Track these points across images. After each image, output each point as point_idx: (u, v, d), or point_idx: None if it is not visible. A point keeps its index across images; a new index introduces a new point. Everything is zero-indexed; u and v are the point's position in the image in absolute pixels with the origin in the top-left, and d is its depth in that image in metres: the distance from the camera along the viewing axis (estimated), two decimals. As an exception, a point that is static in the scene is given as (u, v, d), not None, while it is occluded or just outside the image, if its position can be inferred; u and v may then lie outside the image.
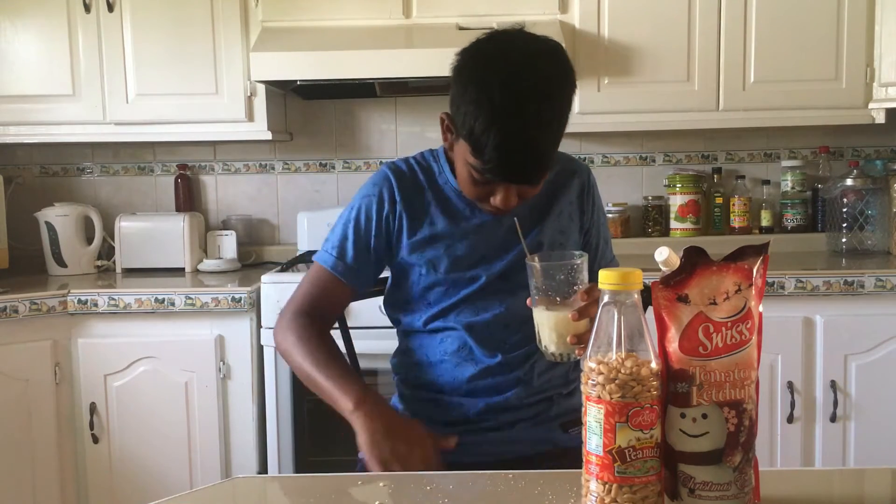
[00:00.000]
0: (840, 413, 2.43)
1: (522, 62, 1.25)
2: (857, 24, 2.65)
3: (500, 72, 1.23)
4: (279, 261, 2.96)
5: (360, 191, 1.48)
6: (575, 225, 1.49)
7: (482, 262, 1.43)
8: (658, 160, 3.11)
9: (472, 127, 1.23)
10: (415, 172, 1.47)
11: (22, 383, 2.43)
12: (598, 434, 0.88)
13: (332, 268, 1.45)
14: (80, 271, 2.89)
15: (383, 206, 1.44)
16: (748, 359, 0.91)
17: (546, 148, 1.26)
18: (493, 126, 1.21)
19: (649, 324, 0.91)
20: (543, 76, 1.25)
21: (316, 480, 1.24)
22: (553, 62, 1.28)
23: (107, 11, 2.70)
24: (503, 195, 1.30)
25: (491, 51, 1.28)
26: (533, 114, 1.22)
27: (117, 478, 2.50)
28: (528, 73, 1.24)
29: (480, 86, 1.23)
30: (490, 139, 1.22)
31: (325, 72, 2.60)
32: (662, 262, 0.92)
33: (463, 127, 1.26)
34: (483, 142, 1.23)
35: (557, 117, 1.26)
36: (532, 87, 1.23)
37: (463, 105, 1.25)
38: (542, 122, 1.24)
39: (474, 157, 1.26)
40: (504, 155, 1.23)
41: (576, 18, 2.68)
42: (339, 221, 1.48)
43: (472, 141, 1.24)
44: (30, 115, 2.76)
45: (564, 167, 1.51)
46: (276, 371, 2.49)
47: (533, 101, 1.22)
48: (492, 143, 1.22)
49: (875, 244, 2.82)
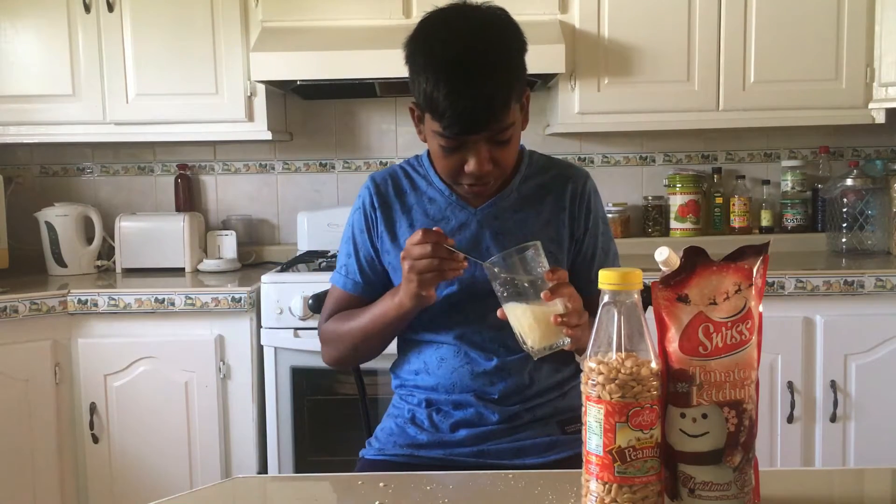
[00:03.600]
0: (840, 413, 2.43)
1: (463, 22, 1.32)
2: (857, 24, 2.65)
3: (441, 33, 1.30)
4: (279, 261, 2.96)
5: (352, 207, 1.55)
6: (566, 232, 1.47)
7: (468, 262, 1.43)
8: (658, 160, 3.11)
9: (425, 89, 1.28)
10: (397, 178, 1.50)
11: (22, 383, 2.43)
12: (598, 434, 0.88)
13: (344, 286, 1.52)
14: (80, 271, 2.89)
15: (367, 217, 1.49)
16: (748, 359, 0.91)
17: (494, 91, 1.27)
18: (440, 80, 1.26)
19: (649, 324, 0.91)
20: (483, 26, 1.30)
21: (316, 480, 1.24)
22: (493, 16, 1.33)
23: (107, 11, 2.70)
24: (475, 158, 1.32)
25: (431, 22, 1.34)
26: (477, 61, 1.27)
27: (117, 478, 2.50)
28: (469, 28, 1.30)
29: (426, 51, 1.30)
30: (440, 92, 1.26)
31: (325, 72, 2.60)
32: (662, 262, 0.92)
33: (420, 96, 1.31)
34: (436, 98, 1.26)
35: (504, 63, 1.30)
36: (473, 38, 1.28)
37: (416, 77, 1.30)
38: (487, 66, 1.27)
39: (434, 121, 1.30)
40: (456, 103, 1.26)
41: (576, 18, 2.68)
42: (342, 240, 1.54)
43: (428, 103, 1.29)
44: (30, 115, 2.76)
45: (560, 173, 1.50)
46: (276, 371, 2.49)
47: (474, 50, 1.27)
48: (442, 96, 1.26)
49: (875, 244, 2.81)
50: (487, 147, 1.32)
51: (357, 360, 1.59)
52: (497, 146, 1.33)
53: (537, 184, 1.48)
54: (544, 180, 1.49)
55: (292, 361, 2.48)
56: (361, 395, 1.72)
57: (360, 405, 1.72)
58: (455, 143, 1.31)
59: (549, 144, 3.02)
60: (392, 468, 1.40)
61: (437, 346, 1.46)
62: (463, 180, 1.37)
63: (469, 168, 1.33)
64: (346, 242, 1.53)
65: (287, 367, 2.49)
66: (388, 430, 1.49)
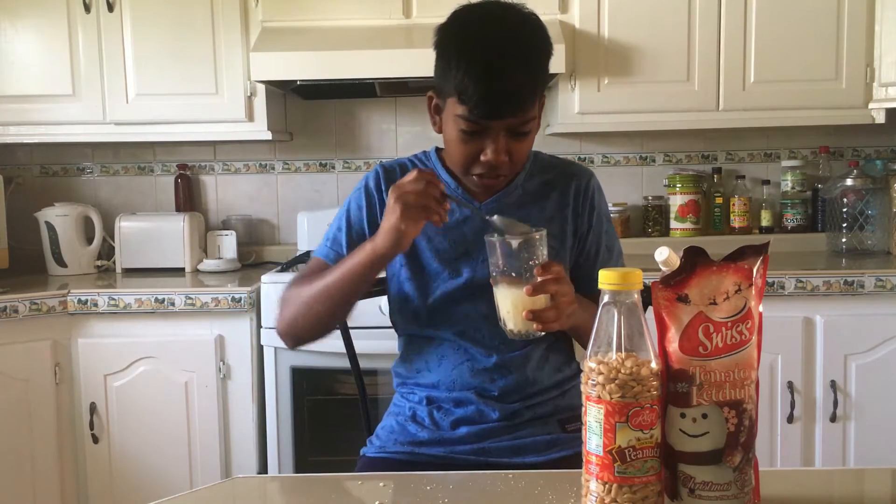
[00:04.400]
0: (840, 413, 2.43)
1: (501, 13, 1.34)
2: (857, 24, 2.65)
3: (479, 22, 1.33)
4: (279, 261, 2.96)
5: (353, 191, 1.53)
6: (570, 228, 1.48)
7: (464, 258, 1.44)
8: (658, 160, 3.11)
9: (456, 72, 1.29)
10: (406, 168, 1.50)
11: (22, 383, 2.43)
12: (598, 434, 0.88)
13: (326, 256, 1.48)
14: (80, 271, 2.89)
15: (372, 196, 1.48)
16: (748, 359, 0.91)
17: (525, 81, 1.30)
18: (474, 63, 1.28)
19: (649, 324, 0.91)
20: (521, 21, 1.34)
21: (316, 480, 1.24)
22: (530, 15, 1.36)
23: (107, 11, 2.70)
24: (493, 147, 1.33)
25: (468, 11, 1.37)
26: (513, 51, 1.29)
27: (117, 478, 2.50)
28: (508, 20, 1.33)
29: (463, 36, 1.32)
30: (473, 74, 1.28)
31: (325, 72, 2.60)
32: (662, 262, 0.92)
33: (449, 79, 1.32)
34: (467, 81, 1.28)
35: (536, 55, 1.33)
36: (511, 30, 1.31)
37: (448, 60, 1.32)
38: (522, 57, 1.30)
39: (461, 104, 1.31)
40: (487, 85, 1.28)
41: (576, 18, 2.68)
42: (334, 219, 1.52)
43: (458, 85, 1.30)
44: (30, 115, 2.76)
45: (565, 171, 1.51)
46: (276, 371, 2.49)
47: (512, 40, 1.30)
48: (475, 78, 1.28)
49: (875, 244, 2.82)
50: (506, 138, 1.33)
51: (313, 325, 1.43)
52: (515, 138, 1.34)
53: (542, 181, 1.49)
54: (549, 178, 1.50)
55: (292, 361, 2.48)
56: (361, 394, 1.71)
57: (361, 405, 1.71)
58: (477, 128, 1.32)
59: (549, 144, 3.02)
60: (392, 466, 1.41)
61: (438, 343, 1.46)
62: (476, 170, 1.37)
63: (486, 157, 1.34)
64: (337, 219, 1.50)
65: (287, 367, 2.48)
66: (389, 427, 1.49)
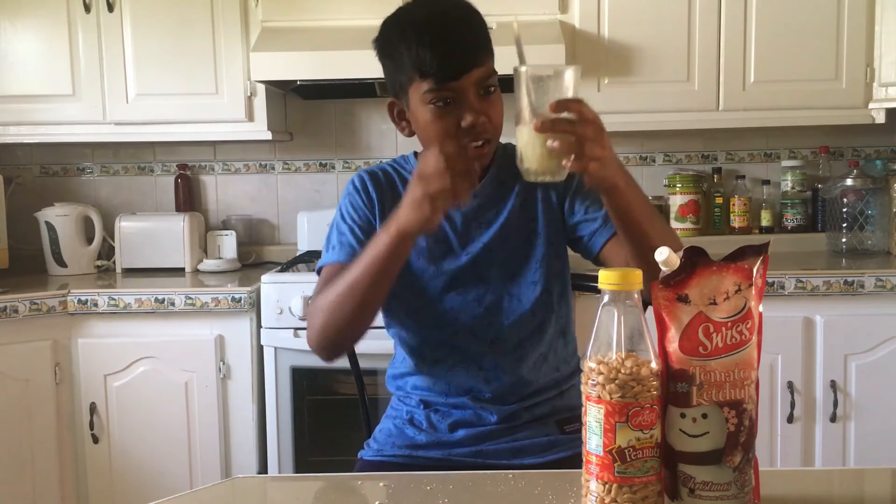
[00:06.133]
0: (840, 413, 2.43)
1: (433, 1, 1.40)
2: (857, 24, 2.65)
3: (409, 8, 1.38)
4: (279, 261, 2.96)
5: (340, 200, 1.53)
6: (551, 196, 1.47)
7: (449, 254, 1.44)
8: (658, 160, 3.11)
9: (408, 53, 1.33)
10: (387, 173, 1.51)
11: (22, 383, 2.43)
12: (598, 434, 0.88)
13: (338, 258, 1.42)
14: (80, 271, 2.89)
15: (361, 196, 1.48)
16: (748, 359, 0.91)
17: (474, 37, 1.35)
18: (422, 35, 1.32)
19: (649, 324, 0.91)
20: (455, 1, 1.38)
21: (316, 480, 1.24)
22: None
23: (107, 11, 2.70)
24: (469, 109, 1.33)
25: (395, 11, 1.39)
26: (454, 16, 1.35)
27: (117, 478, 2.50)
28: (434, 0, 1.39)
29: (404, 21, 1.36)
30: (425, 44, 1.31)
31: (325, 72, 2.60)
32: (662, 262, 0.92)
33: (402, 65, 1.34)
34: (421, 52, 1.31)
35: (478, 19, 1.37)
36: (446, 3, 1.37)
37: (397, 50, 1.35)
38: (464, 20, 1.35)
39: (423, 79, 1.32)
40: (441, 47, 1.31)
41: (576, 18, 2.68)
42: (331, 231, 1.49)
43: (413, 62, 1.32)
44: (30, 115, 2.76)
45: None
46: (276, 371, 2.49)
47: (451, 6, 1.36)
48: (427, 46, 1.31)
49: (875, 244, 2.81)
50: (477, 99, 1.34)
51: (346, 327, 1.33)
52: (485, 98, 1.35)
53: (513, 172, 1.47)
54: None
55: (292, 361, 2.48)
56: (361, 395, 1.71)
57: (360, 405, 1.71)
58: (447, 95, 1.33)
59: (549, 144, 3.01)
60: (390, 469, 1.40)
61: (432, 348, 1.46)
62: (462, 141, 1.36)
63: (466, 122, 1.33)
64: (336, 227, 1.47)
65: (287, 367, 2.49)
66: (387, 431, 1.49)
